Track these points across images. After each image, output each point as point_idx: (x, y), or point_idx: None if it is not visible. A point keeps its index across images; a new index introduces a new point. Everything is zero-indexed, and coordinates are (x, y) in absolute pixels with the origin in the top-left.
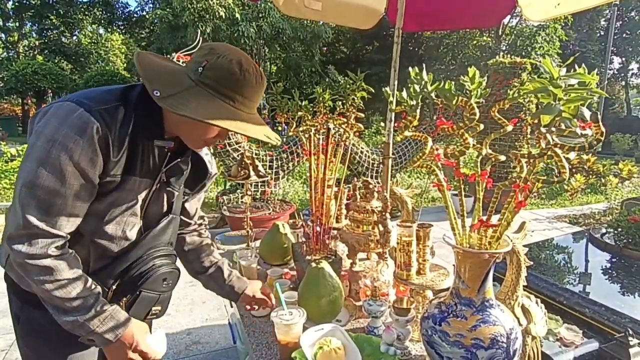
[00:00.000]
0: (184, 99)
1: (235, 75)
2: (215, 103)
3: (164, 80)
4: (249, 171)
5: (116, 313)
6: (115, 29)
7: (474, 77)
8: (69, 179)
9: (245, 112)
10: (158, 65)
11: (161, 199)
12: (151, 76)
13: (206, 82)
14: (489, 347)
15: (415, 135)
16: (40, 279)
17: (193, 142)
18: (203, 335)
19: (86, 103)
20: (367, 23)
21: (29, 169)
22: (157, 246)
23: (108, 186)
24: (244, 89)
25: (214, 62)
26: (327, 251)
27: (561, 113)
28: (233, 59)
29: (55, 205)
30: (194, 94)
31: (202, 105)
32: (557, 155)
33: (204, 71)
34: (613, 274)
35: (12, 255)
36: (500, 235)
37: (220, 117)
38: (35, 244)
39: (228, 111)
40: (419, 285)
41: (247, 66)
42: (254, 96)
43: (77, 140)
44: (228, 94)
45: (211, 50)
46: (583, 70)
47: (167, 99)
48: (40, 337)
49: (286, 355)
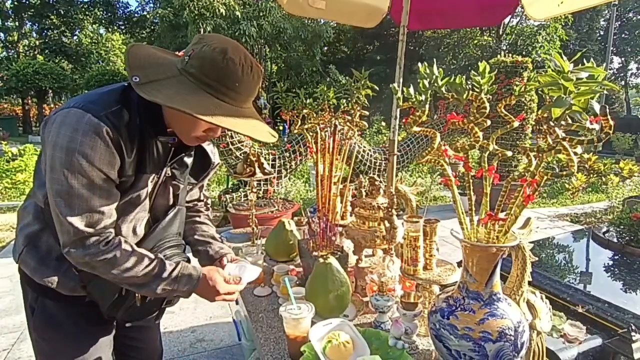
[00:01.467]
0: (162, 86)
1: (217, 64)
2: (196, 92)
3: (149, 70)
4: (255, 168)
5: (184, 269)
6: (116, 28)
7: (485, 72)
8: (97, 182)
9: (232, 104)
10: (149, 55)
11: (167, 192)
12: (135, 64)
13: (190, 70)
14: (497, 340)
15: (423, 131)
16: (107, 270)
17: (185, 137)
18: (207, 332)
19: (92, 108)
20: (370, 21)
21: (59, 181)
22: (166, 237)
23: (124, 185)
24: (228, 79)
25: (199, 50)
26: (333, 247)
27: (571, 106)
28: (217, 47)
29: (93, 208)
30: (176, 82)
31: (181, 94)
32: (566, 149)
33: (189, 60)
34: (615, 271)
35: (73, 260)
36: (508, 229)
37: (198, 107)
38: (89, 246)
39: (209, 102)
40: (426, 280)
41: (232, 55)
42: (241, 88)
43: (94, 146)
44: (210, 83)
45: (200, 39)
46: (592, 64)
47: (145, 85)
48: (55, 329)
49: (295, 349)
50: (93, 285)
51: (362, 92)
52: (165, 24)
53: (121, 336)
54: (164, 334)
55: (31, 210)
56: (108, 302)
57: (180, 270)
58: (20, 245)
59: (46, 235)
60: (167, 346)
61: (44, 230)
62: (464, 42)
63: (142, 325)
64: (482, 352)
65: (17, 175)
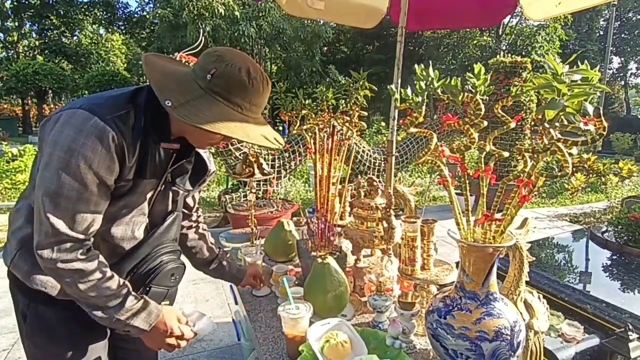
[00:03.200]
0: (195, 108)
1: (244, 84)
2: (225, 111)
3: (173, 88)
4: (254, 169)
5: (147, 305)
6: (116, 29)
7: (480, 73)
8: (90, 186)
9: (252, 117)
10: (165, 70)
11: (167, 198)
12: (162, 85)
13: (215, 90)
14: (494, 339)
15: (420, 132)
16: (73, 282)
17: (199, 144)
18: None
19: (99, 111)
20: (369, 22)
21: (51, 179)
22: (163, 243)
23: (121, 189)
24: (252, 97)
25: (223, 70)
26: (331, 248)
27: (565, 108)
28: (242, 67)
29: (79, 212)
30: (204, 102)
31: (212, 114)
32: (560, 150)
33: (213, 79)
34: (614, 271)
35: (43, 262)
36: (504, 229)
37: (230, 126)
38: (65, 250)
39: (237, 119)
40: (424, 280)
41: (254, 74)
42: (261, 102)
43: (96, 149)
44: (237, 102)
45: (219, 57)
46: (586, 66)
47: (179, 108)
48: (48, 335)
49: (293, 348)
50: None
51: (360, 93)
52: (165, 24)
53: (116, 339)
54: None
55: (24, 212)
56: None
57: (144, 305)
58: (13, 249)
59: None
60: None
61: None
62: (463, 43)
63: None
64: (478, 352)
65: (17, 175)
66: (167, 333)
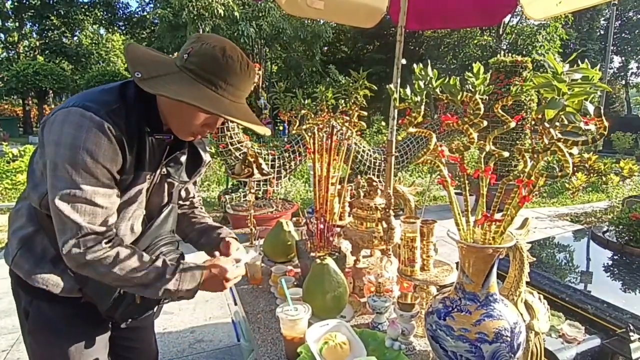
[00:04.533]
0: (164, 81)
1: (217, 61)
2: (197, 87)
3: (149, 66)
4: (253, 169)
5: (187, 267)
6: (116, 29)
7: (479, 73)
8: (101, 179)
9: (230, 99)
10: (147, 54)
11: (162, 190)
12: (136, 61)
13: (189, 67)
14: (493, 341)
15: (419, 132)
16: (107, 270)
17: (182, 131)
18: (206, 333)
19: (92, 107)
20: (369, 22)
21: (62, 180)
22: (161, 235)
23: (124, 183)
24: (227, 75)
25: (198, 48)
26: (331, 248)
27: (565, 107)
28: (216, 45)
29: (97, 206)
30: (177, 78)
31: (183, 88)
32: (561, 150)
33: (189, 57)
34: (615, 271)
35: (72, 261)
36: (504, 230)
37: (201, 100)
38: (90, 245)
39: (210, 96)
40: (423, 281)
41: (230, 52)
42: (239, 84)
43: (98, 142)
44: (211, 79)
45: (198, 38)
46: (586, 65)
47: (148, 80)
48: (50, 332)
49: (292, 350)
50: (90, 286)
51: (360, 92)
52: (165, 24)
53: (116, 337)
54: (163, 334)
55: (24, 212)
56: (107, 302)
57: (183, 268)
58: (14, 249)
59: (40, 237)
60: (166, 347)
61: (38, 232)
62: (464, 42)
63: (138, 326)
64: (478, 353)
65: (18, 176)
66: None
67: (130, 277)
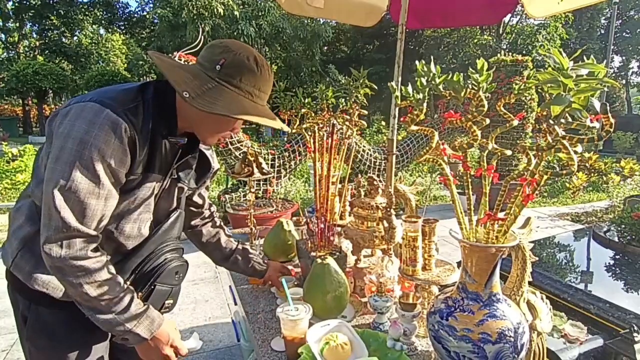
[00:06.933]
0: (211, 97)
1: (253, 71)
2: (237, 99)
3: (187, 81)
4: (253, 168)
5: (151, 312)
6: (116, 29)
7: (482, 69)
8: (102, 179)
9: (261, 104)
10: (173, 65)
11: (171, 194)
12: (177, 78)
13: (226, 79)
14: (497, 342)
15: (421, 130)
16: (78, 281)
17: (210, 137)
18: (206, 333)
19: (110, 104)
20: (369, 20)
21: (62, 172)
22: (166, 241)
23: (131, 184)
24: (261, 84)
25: (232, 59)
26: (331, 248)
27: (571, 104)
28: (249, 56)
29: (90, 206)
30: (218, 92)
31: (228, 101)
32: (565, 148)
33: (223, 69)
34: (617, 270)
35: (50, 260)
36: (507, 229)
37: (246, 111)
38: (74, 246)
39: (250, 106)
40: (425, 281)
41: (261, 62)
42: (267, 89)
43: (109, 141)
44: (248, 89)
45: (226, 48)
46: (592, 61)
47: (196, 99)
48: (49, 337)
49: (292, 350)
50: None
51: (360, 92)
52: (165, 23)
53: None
54: None
55: (25, 211)
56: None
57: (147, 312)
58: (15, 249)
59: None
60: None
61: (39, 231)
62: (464, 41)
63: None
64: (481, 354)
65: (17, 175)
66: (167, 344)
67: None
